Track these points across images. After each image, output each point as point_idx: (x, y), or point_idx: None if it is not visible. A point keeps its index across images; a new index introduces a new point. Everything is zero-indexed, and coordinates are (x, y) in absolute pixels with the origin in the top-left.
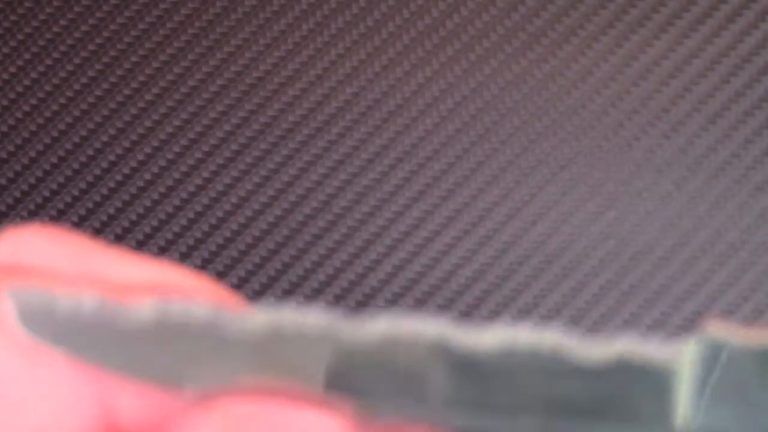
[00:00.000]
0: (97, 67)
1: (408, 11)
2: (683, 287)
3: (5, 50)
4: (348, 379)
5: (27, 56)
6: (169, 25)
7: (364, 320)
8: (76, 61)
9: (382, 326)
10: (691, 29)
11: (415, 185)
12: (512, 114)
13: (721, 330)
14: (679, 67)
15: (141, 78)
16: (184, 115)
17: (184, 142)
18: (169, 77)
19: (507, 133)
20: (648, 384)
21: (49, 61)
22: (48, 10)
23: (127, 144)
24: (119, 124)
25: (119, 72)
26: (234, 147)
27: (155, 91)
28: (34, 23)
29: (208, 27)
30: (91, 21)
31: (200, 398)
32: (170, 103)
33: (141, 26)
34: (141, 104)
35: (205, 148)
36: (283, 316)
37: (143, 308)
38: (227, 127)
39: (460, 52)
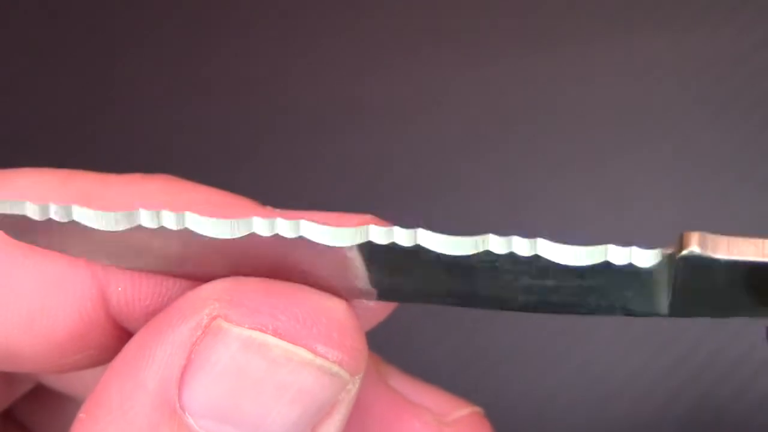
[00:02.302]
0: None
1: (407, 11)
2: None
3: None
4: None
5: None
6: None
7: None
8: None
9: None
10: (689, 27)
11: (416, 185)
12: (512, 114)
13: (697, 241)
14: (679, 64)
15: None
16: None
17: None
18: (167, 79)
19: (507, 133)
20: (630, 287)
21: None
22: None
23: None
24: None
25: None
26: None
27: (153, 90)
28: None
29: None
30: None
31: (194, 283)
32: (170, 102)
33: None
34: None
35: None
36: (254, 223)
37: (110, 217)
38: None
39: (460, 52)
